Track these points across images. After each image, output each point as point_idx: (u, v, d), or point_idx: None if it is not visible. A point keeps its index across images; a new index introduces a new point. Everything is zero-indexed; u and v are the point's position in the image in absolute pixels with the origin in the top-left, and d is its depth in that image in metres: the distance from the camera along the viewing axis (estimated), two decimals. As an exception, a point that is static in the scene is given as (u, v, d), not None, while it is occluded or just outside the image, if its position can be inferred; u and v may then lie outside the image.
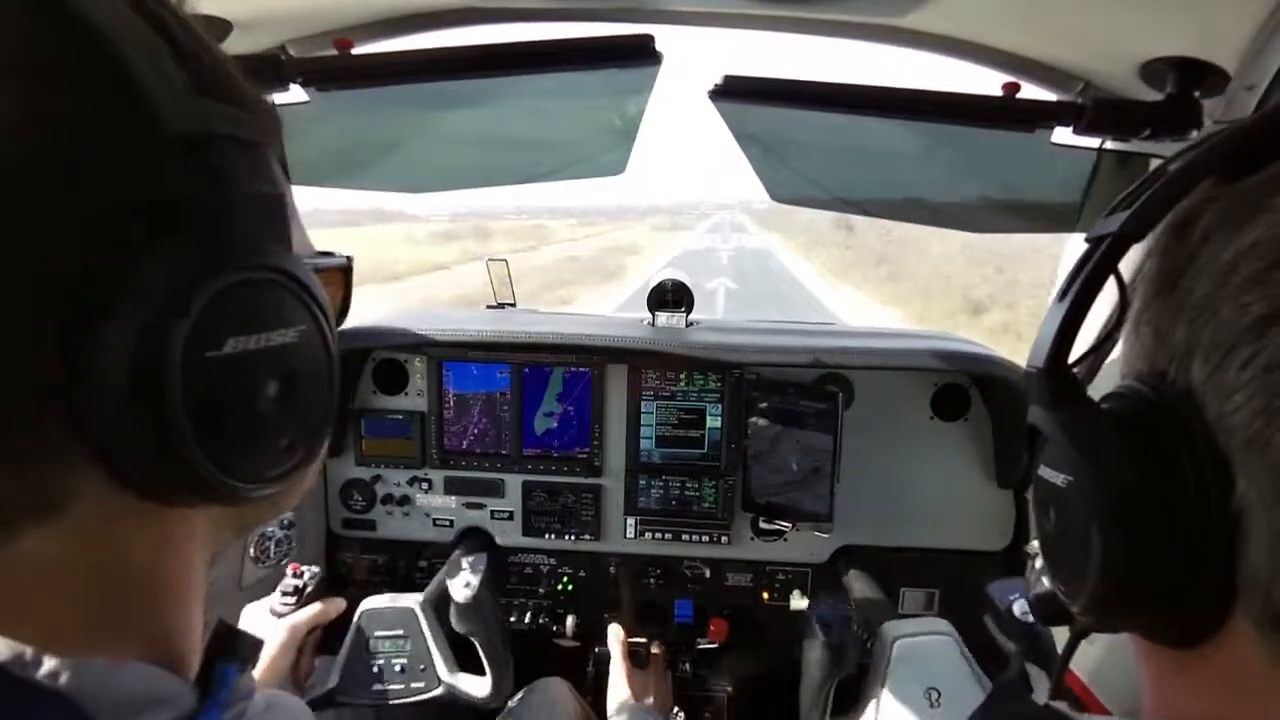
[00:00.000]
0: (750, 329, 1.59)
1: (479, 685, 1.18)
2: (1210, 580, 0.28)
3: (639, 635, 1.42)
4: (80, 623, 0.32)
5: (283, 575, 1.24)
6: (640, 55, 0.92)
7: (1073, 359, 0.35)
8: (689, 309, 1.57)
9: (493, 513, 1.58)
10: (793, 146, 1.16)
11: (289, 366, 0.35)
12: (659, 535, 1.56)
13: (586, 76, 0.96)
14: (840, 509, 1.40)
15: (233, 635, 0.38)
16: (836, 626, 1.12)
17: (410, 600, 1.22)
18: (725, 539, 1.54)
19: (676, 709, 1.52)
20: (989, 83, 0.96)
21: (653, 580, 1.60)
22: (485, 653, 1.19)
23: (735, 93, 0.95)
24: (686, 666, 1.59)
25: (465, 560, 1.21)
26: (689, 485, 1.54)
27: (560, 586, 1.61)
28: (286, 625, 1.15)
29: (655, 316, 1.57)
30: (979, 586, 1.51)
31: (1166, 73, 0.85)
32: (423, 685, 1.17)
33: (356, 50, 0.98)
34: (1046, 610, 0.95)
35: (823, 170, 1.23)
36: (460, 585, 1.16)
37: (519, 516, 1.58)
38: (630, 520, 1.56)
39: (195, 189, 0.32)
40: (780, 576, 1.58)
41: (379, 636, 1.19)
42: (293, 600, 1.20)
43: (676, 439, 1.53)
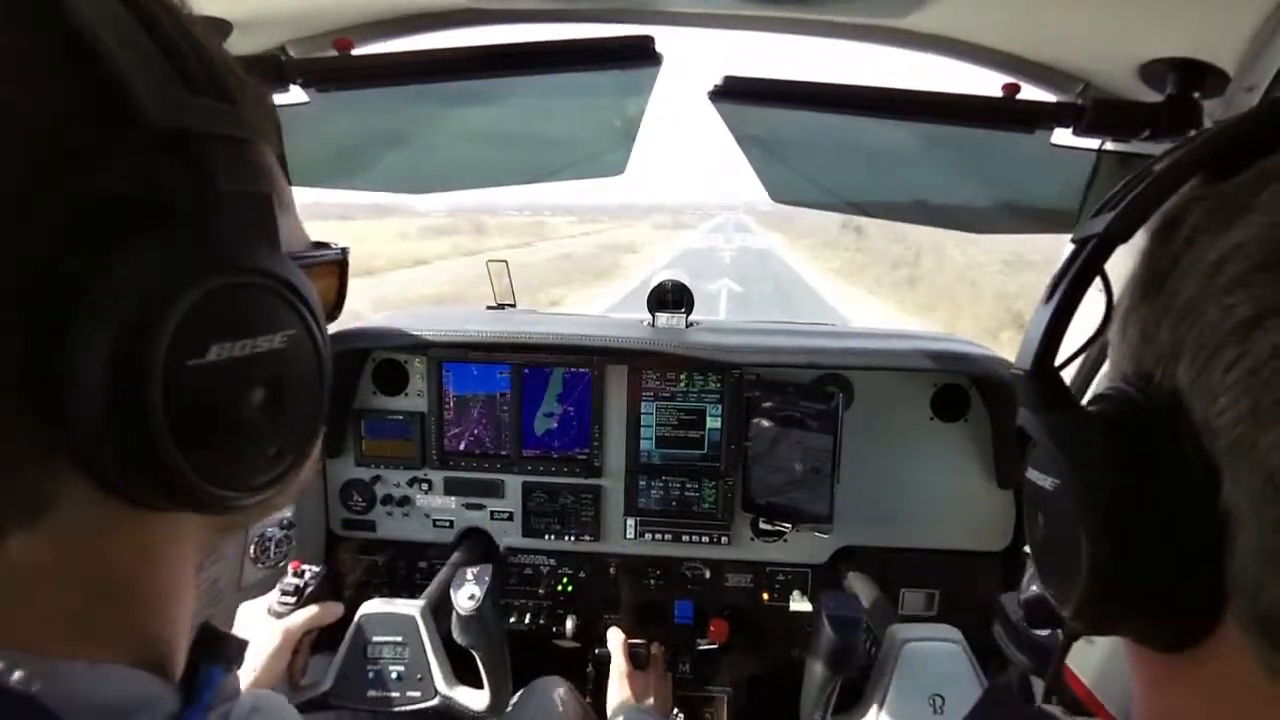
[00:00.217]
0: (750, 330, 1.59)
1: (476, 699, 1.17)
2: (1198, 584, 0.28)
3: (639, 636, 1.42)
4: (65, 629, 0.31)
5: (282, 575, 1.24)
6: (640, 56, 0.92)
7: (1060, 361, 0.35)
8: (689, 310, 1.57)
9: (492, 513, 1.59)
10: (793, 147, 1.16)
11: (276, 373, 0.34)
12: (659, 536, 1.56)
13: (586, 77, 0.96)
14: (840, 510, 1.40)
15: (217, 637, 0.37)
16: (846, 626, 1.11)
17: (411, 607, 1.20)
18: (725, 540, 1.54)
19: (676, 710, 1.52)
20: (989, 84, 0.96)
21: (653, 581, 1.59)
22: (485, 667, 1.18)
23: (735, 93, 0.95)
24: (686, 667, 1.59)
25: (470, 571, 1.20)
26: (689, 486, 1.54)
27: (560, 587, 1.61)
28: (283, 627, 1.14)
29: (655, 317, 1.57)
30: (979, 587, 1.51)
31: (1166, 74, 0.85)
32: (419, 695, 1.16)
33: (356, 51, 0.98)
34: (1037, 614, 0.95)
35: (823, 171, 1.23)
36: (465, 597, 1.15)
37: (519, 517, 1.58)
38: (630, 521, 1.56)
39: (178, 187, 0.31)
40: (780, 577, 1.58)
41: (377, 642, 1.18)
42: (292, 600, 1.19)
43: (676, 440, 1.53)
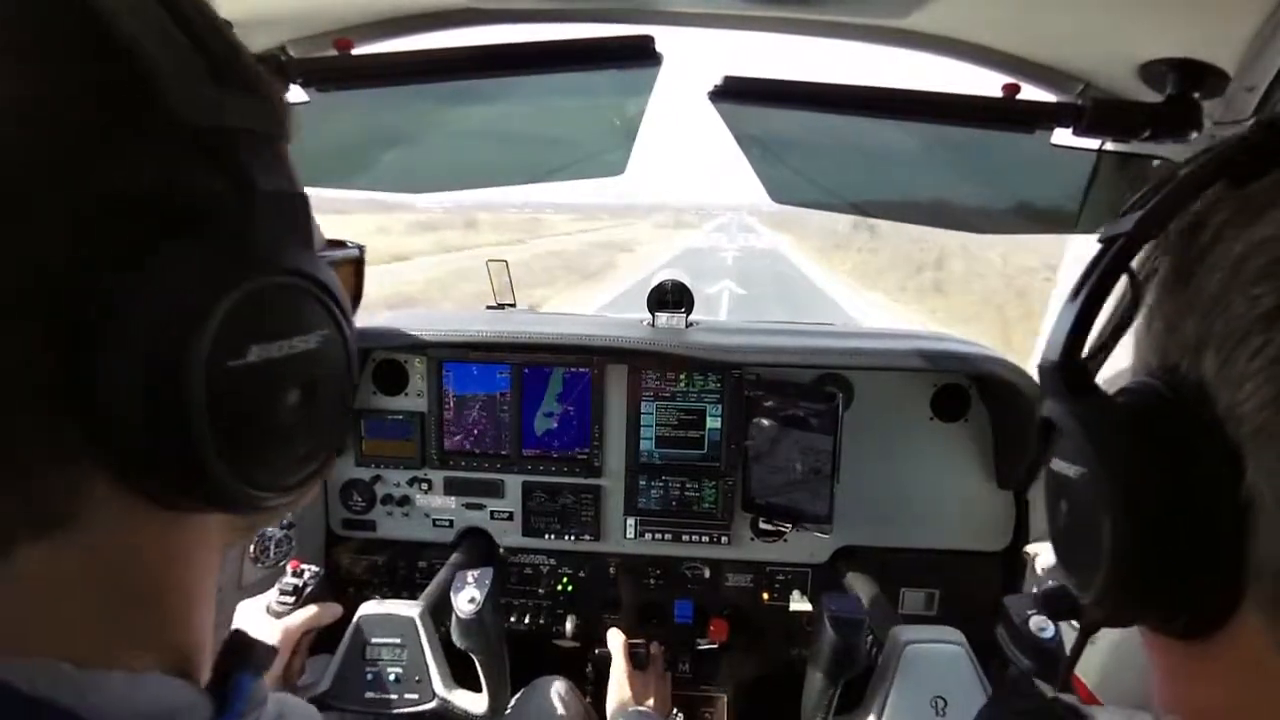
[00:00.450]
0: (750, 330, 1.60)
1: (475, 702, 1.16)
2: (1221, 570, 0.28)
3: (639, 635, 1.42)
4: (98, 637, 0.31)
5: (281, 575, 1.24)
6: (640, 56, 0.92)
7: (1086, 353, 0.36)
8: (689, 309, 1.57)
9: (492, 513, 1.59)
10: (793, 147, 1.16)
11: (311, 373, 0.34)
12: (659, 536, 1.56)
13: (586, 77, 0.96)
14: (840, 510, 1.40)
15: (247, 644, 0.37)
16: (849, 627, 1.12)
17: (410, 609, 1.20)
18: (725, 539, 1.55)
19: (675, 710, 1.52)
20: (989, 84, 0.96)
21: (652, 581, 1.60)
22: (484, 671, 1.17)
23: (735, 93, 0.95)
24: (686, 667, 1.59)
25: (471, 574, 1.19)
26: (689, 486, 1.54)
27: (560, 587, 1.61)
28: (281, 627, 1.14)
29: (655, 317, 1.57)
30: (979, 587, 1.51)
31: (1166, 74, 0.85)
32: (416, 697, 1.15)
33: (356, 51, 0.98)
34: (1056, 607, 0.95)
35: (823, 171, 1.23)
36: (465, 600, 1.14)
37: (519, 517, 1.58)
38: (630, 521, 1.56)
39: (216, 186, 0.30)
40: (780, 577, 1.58)
41: (376, 643, 1.18)
42: (291, 600, 1.19)
43: (676, 439, 1.53)
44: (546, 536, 1.58)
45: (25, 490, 0.27)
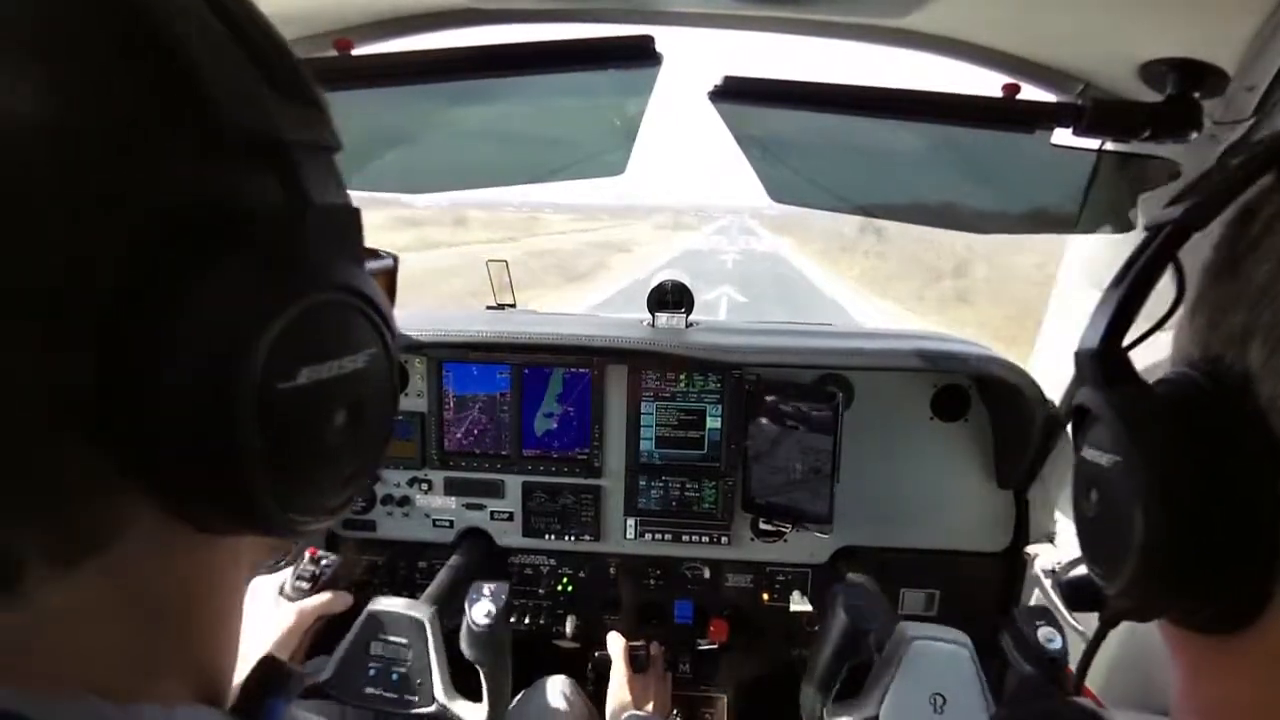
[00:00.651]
0: (750, 330, 1.60)
1: (474, 712, 1.15)
2: (1256, 562, 0.28)
3: (639, 636, 1.42)
4: (131, 666, 0.30)
5: (300, 560, 1.25)
6: (640, 56, 0.92)
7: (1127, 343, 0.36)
8: (689, 309, 1.57)
9: (492, 513, 1.58)
10: (793, 147, 1.16)
11: (358, 394, 0.33)
12: (659, 536, 1.55)
13: (586, 77, 0.96)
14: (840, 510, 1.40)
15: (281, 670, 0.37)
16: (862, 613, 1.12)
17: (421, 611, 1.19)
18: (725, 540, 1.54)
19: (675, 710, 1.52)
20: (989, 84, 0.96)
21: (652, 581, 1.59)
22: (489, 684, 1.16)
23: (735, 94, 0.95)
24: (686, 667, 1.59)
25: (488, 587, 1.18)
26: (689, 486, 1.54)
27: (560, 587, 1.61)
28: (295, 609, 1.16)
29: (655, 317, 1.57)
30: (979, 587, 1.51)
31: (1166, 74, 0.85)
32: (416, 700, 1.15)
33: (356, 51, 0.98)
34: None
35: (823, 171, 1.23)
36: (481, 614, 1.14)
37: (519, 517, 1.58)
38: (630, 521, 1.56)
39: (270, 199, 0.29)
40: (780, 577, 1.58)
41: (382, 640, 1.18)
42: (307, 586, 1.21)
43: (676, 440, 1.53)
44: (546, 537, 1.58)
45: (66, 518, 0.26)
